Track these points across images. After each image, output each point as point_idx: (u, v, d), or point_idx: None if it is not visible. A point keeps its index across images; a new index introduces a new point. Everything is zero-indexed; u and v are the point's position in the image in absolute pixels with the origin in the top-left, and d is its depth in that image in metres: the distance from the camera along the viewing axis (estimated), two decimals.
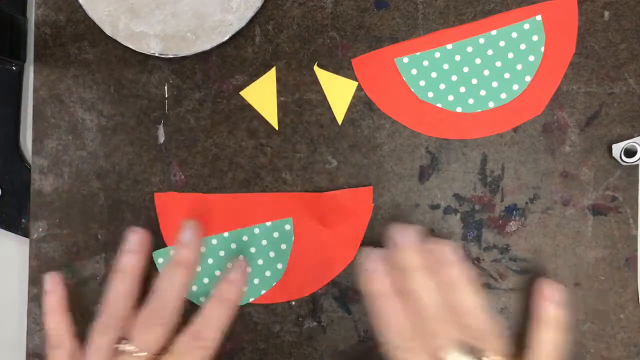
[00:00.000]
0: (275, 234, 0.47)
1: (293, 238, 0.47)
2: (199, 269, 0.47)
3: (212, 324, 0.43)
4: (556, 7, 0.45)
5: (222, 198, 0.47)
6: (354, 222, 0.47)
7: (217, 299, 0.44)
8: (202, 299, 0.47)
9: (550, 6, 0.45)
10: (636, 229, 0.46)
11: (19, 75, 0.49)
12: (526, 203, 0.46)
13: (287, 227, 0.47)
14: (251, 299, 0.47)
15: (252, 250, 0.47)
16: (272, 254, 0.47)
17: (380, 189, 0.47)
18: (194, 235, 0.44)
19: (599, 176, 0.46)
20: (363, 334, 0.47)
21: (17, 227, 0.49)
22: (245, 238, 0.47)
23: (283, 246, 0.47)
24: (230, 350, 0.48)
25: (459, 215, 0.47)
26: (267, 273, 0.47)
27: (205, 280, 0.47)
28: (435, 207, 0.47)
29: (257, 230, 0.47)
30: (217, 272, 0.47)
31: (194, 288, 0.47)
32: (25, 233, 0.49)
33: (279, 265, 0.47)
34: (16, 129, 0.49)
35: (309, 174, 0.47)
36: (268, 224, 0.47)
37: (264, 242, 0.47)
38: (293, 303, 0.47)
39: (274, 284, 0.47)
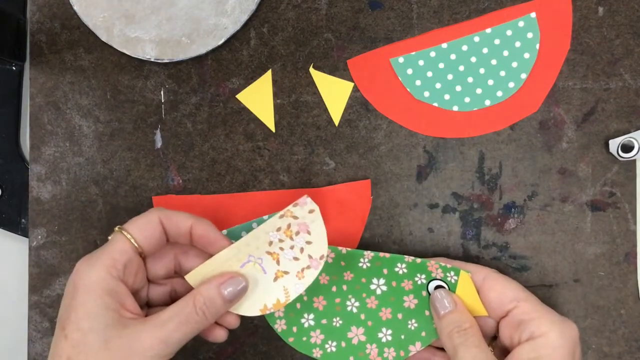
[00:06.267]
0: None
1: None
2: None
3: None
4: (550, 4, 0.45)
5: (219, 198, 0.47)
6: (354, 215, 0.47)
7: None
8: None
9: (544, 3, 0.45)
10: (635, 224, 0.46)
11: (19, 75, 0.49)
12: (524, 200, 0.46)
13: None
14: None
15: None
16: None
17: (378, 189, 0.47)
18: None
19: (597, 172, 0.46)
20: None
21: (17, 227, 0.49)
22: (243, 234, 0.47)
23: None
24: (232, 352, 0.48)
25: (457, 214, 0.47)
26: None
27: None
28: (434, 206, 0.47)
29: (255, 225, 0.47)
30: None
31: None
32: (25, 233, 0.49)
33: None
34: (16, 129, 0.49)
35: (306, 175, 0.47)
36: (265, 217, 0.47)
37: None
38: None
39: None
